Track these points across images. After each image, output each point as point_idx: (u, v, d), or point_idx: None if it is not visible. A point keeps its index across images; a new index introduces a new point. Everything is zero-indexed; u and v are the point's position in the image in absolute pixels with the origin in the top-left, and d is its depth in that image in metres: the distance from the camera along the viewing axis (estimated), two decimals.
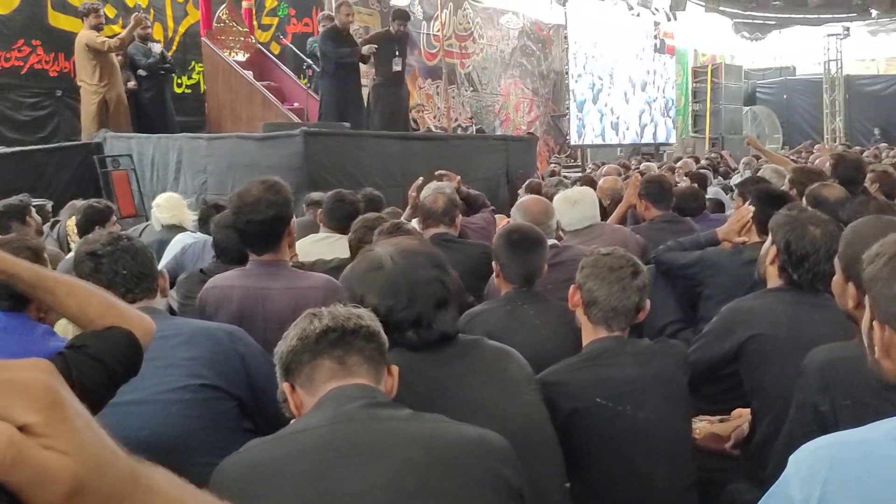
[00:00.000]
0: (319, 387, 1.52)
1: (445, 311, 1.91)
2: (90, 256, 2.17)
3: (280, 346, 1.59)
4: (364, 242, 3.38)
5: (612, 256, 2.32)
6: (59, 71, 9.26)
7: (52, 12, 9.20)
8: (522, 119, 17.44)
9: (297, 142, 6.48)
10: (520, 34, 17.39)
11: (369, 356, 1.56)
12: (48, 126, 9.12)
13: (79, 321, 1.61)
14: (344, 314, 1.58)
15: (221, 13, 9.43)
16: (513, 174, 8.63)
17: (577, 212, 3.96)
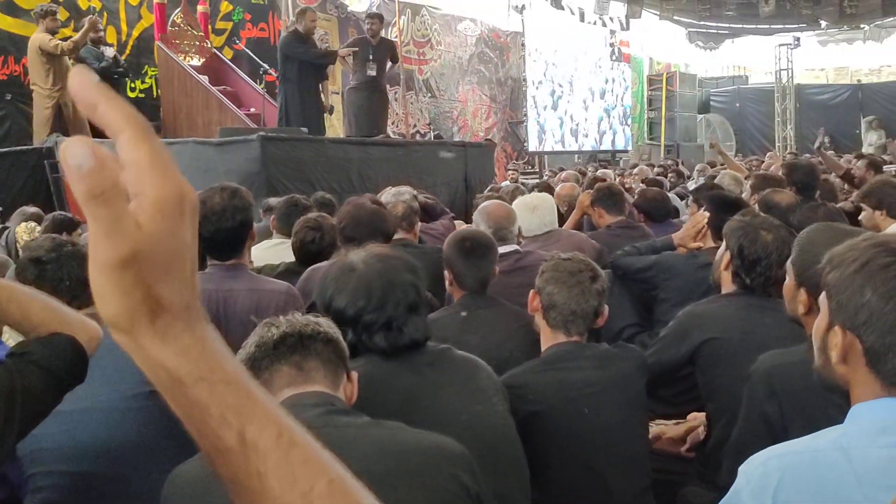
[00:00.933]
0: (277, 393, 1.51)
1: (417, 317, 1.92)
2: (34, 263, 2.12)
3: (239, 355, 1.57)
4: (307, 244, 3.37)
5: (572, 261, 2.34)
6: (9, 74, 9.07)
7: (1, 15, 9.02)
8: (480, 125, 17.50)
9: (255, 147, 6.43)
10: (477, 41, 17.45)
11: (327, 360, 1.56)
12: None
13: (21, 327, 1.58)
14: (301, 321, 1.58)
15: (176, 17, 9.33)
16: (471, 180, 8.65)
17: (536, 218, 3.99)
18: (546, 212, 4.08)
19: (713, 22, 19.55)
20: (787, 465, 1.24)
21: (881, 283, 1.22)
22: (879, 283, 1.22)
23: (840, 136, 21.87)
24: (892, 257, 1.23)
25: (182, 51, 9.20)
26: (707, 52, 23.28)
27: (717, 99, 25.13)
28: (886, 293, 1.21)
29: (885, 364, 1.22)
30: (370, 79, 8.76)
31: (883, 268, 1.22)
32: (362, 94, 8.84)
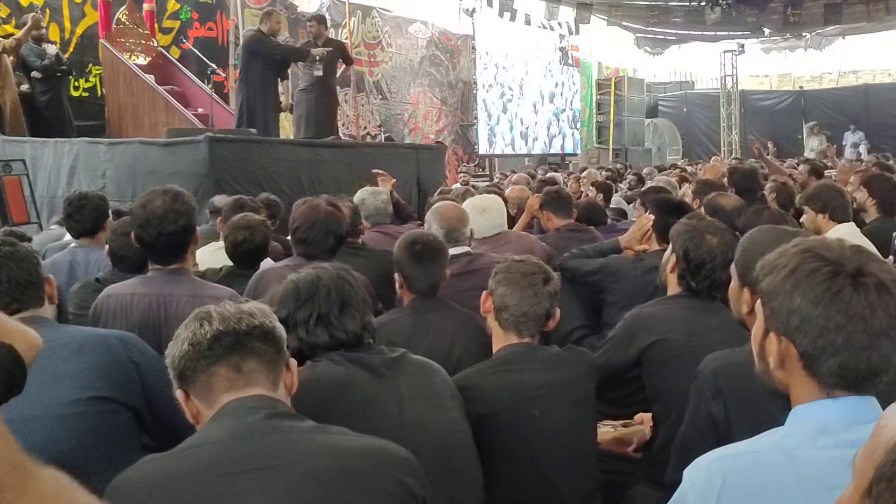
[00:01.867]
0: (216, 398, 1.49)
1: (351, 311, 1.96)
2: None
3: (171, 350, 1.53)
4: (238, 243, 3.33)
5: (525, 263, 2.35)
6: None
7: None
8: (431, 128, 17.51)
9: (202, 148, 6.33)
10: (428, 43, 17.47)
11: (267, 359, 1.53)
12: None
13: None
14: (234, 314, 1.52)
15: (121, 15, 9.16)
16: (423, 183, 8.63)
17: (485, 220, 4.00)
18: (495, 214, 4.10)
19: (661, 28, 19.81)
20: (730, 468, 1.26)
21: (809, 288, 1.24)
22: (807, 288, 1.24)
23: (783, 140, 22.35)
24: (819, 262, 1.25)
25: (127, 49, 9.03)
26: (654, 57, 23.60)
27: (665, 104, 25.51)
28: (815, 298, 1.23)
29: (819, 367, 1.24)
30: (317, 79, 8.70)
31: (810, 273, 1.24)
32: (311, 96, 8.78)
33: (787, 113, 23.41)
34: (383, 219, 4.44)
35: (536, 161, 19.60)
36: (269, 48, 8.17)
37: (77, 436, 1.93)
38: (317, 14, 10.11)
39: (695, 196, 4.95)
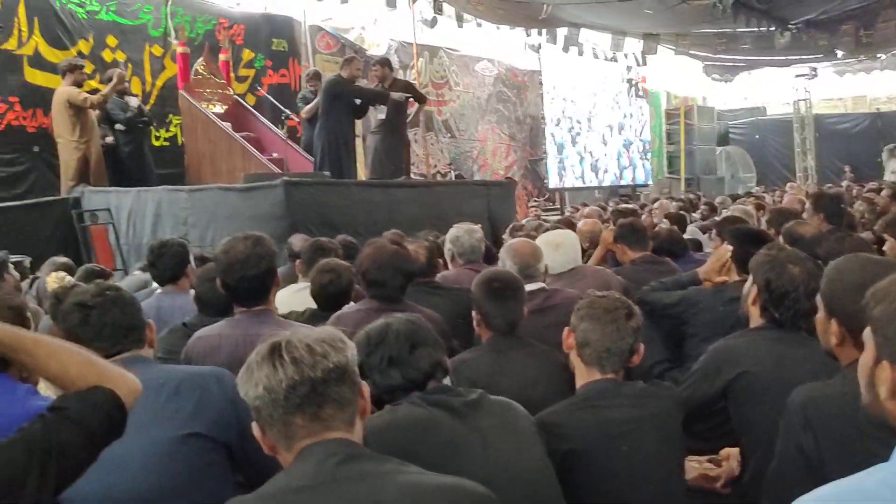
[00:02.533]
0: (294, 444, 1.49)
1: (422, 350, 1.99)
2: (79, 307, 2.15)
3: (244, 387, 1.51)
4: (323, 286, 3.38)
5: (607, 298, 2.35)
6: (37, 127, 9.25)
7: (29, 69, 9.24)
8: (500, 164, 17.59)
9: (279, 192, 6.51)
10: (495, 80, 17.61)
11: (343, 401, 1.51)
12: (25, 182, 9.09)
13: (60, 382, 1.56)
14: (308, 358, 1.48)
15: (199, 66, 9.49)
16: (494, 219, 8.68)
17: (559, 255, 3.96)
18: (569, 248, 4.06)
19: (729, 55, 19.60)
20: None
21: None
22: None
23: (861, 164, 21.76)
24: None
25: (205, 99, 9.35)
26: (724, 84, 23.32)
27: (736, 131, 25.14)
28: None
29: None
30: (384, 121, 8.89)
31: None
32: (378, 137, 8.97)
33: (864, 136, 22.83)
34: (477, 256, 4.39)
35: (607, 193, 19.48)
36: (351, 92, 8.46)
37: (175, 473, 1.99)
38: (381, 58, 10.34)
39: (769, 226, 4.86)
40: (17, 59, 9.14)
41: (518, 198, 14.31)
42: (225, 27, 11.42)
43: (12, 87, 9.08)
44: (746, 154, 23.53)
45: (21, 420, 2.07)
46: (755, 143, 24.24)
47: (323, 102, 8.58)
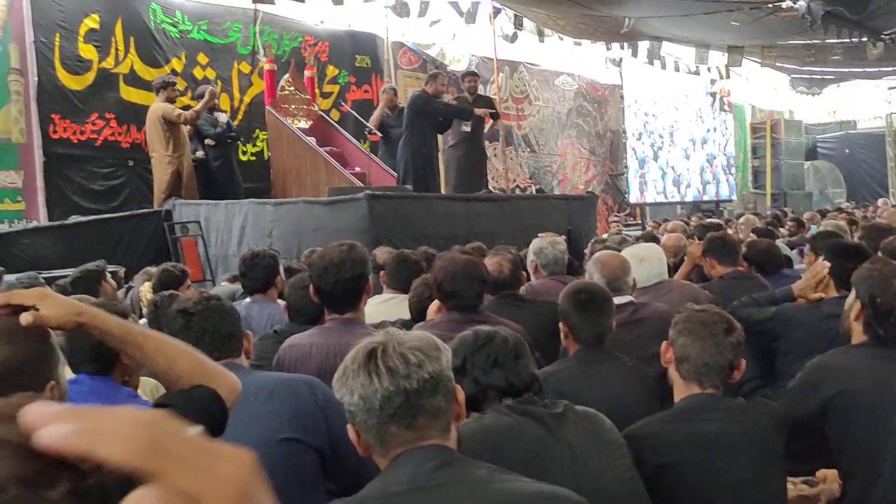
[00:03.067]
0: (389, 450, 1.51)
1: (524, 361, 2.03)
2: (181, 314, 2.23)
3: (340, 391, 1.52)
4: (423, 301, 3.41)
5: (706, 312, 2.30)
6: (131, 142, 9.63)
7: (125, 86, 9.62)
8: (580, 178, 17.46)
9: (362, 205, 6.59)
10: (575, 95, 17.52)
11: (437, 410, 1.51)
12: (121, 195, 9.45)
13: (166, 378, 1.60)
14: (402, 368, 1.48)
15: (285, 82, 9.70)
16: (575, 233, 8.61)
17: (644, 269, 3.91)
18: (655, 262, 4.00)
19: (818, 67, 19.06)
20: None
21: None
22: None
23: None
24: None
25: (291, 114, 9.55)
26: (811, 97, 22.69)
27: (825, 145, 24.43)
28: None
29: None
30: (466, 135, 8.97)
31: None
32: (460, 151, 9.04)
33: None
34: (561, 268, 4.36)
35: (689, 208, 19.13)
36: (436, 108, 8.60)
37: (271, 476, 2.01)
38: (474, 70, 10.49)
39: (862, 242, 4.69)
40: (113, 77, 9.53)
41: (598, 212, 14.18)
42: (310, 44, 11.69)
43: (109, 104, 9.47)
44: (836, 169, 22.83)
45: None
46: (845, 157, 23.51)
47: (406, 118, 8.70)
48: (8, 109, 8.65)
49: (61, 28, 9.06)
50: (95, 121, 9.33)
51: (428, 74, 9.57)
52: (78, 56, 9.21)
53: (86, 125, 9.24)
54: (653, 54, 16.18)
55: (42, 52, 8.88)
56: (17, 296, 1.46)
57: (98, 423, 0.50)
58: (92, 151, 9.30)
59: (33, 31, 8.81)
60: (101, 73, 9.39)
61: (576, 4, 11.19)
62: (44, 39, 8.90)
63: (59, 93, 9.04)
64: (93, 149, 9.31)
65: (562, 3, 11.20)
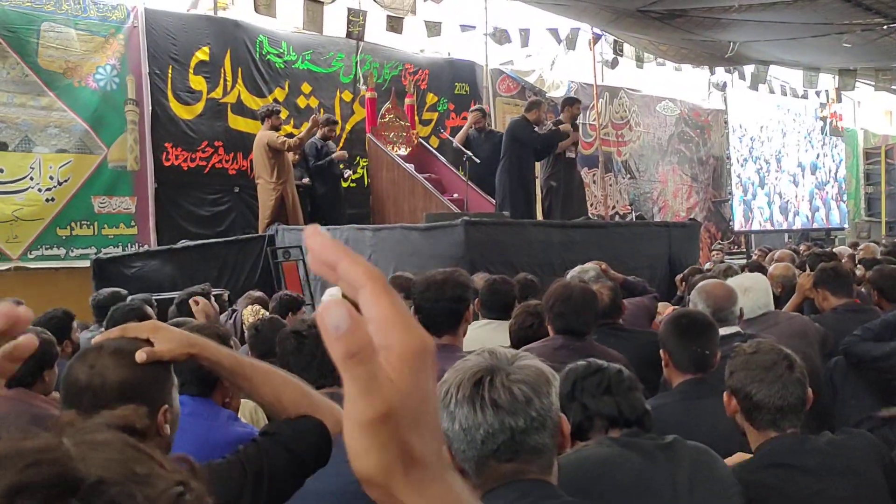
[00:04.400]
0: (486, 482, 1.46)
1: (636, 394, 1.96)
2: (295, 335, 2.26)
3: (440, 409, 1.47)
4: (524, 330, 3.37)
5: (761, 353, 2.17)
6: (238, 169, 9.96)
7: (232, 115, 9.97)
8: (681, 205, 17.07)
9: (459, 231, 6.59)
10: (677, 121, 17.18)
11: (542, 448, 1.46)
12: (226, 220, 9.77)
13: (272, 408, 1.63)
14: (509, 405, 1.40)
15: (385, 110, 9.86)
16: (675, 261, 8.40)
17: (749, 300, 3.78)
18: (760, 293, 3.85)
19: None
20: None
21: None
22: None
23: None
24: None
25: (390, 141, 9.68)
26: None
27: None
28: None
29: None
30: (569, 161, 8.94)
31: None
32: (560, 178, 8.99)
33: None
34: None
35: (798, 237, 18.43)
36: (533, 139, 8.68)
37: None
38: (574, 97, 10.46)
39: None
40: (222, 107, 9.91)
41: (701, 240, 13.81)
42: (410, 72, 11.85)
43: (217, 133, 9.84)
44: None
45: (224, 443, 2.17)
46: None
47: (505, 144, 8.73)
48: (124, 138, 9.07)
49: (174, 60, 9.50)
50: (205, 148, 9.69)
51: (529, 101, 9.58)
52: (189, 87, 9.61)
53: (196, 153, 9.61)
54: (758, 78, 15.76)
55: (156, 83, 9.33)
56: (131, 329, 1.52)
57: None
58: (201, 178, 9.67)
59: (148, 63, 9.24)
60: (209, 103, 9.78)
61: (678, 29, 11.00)
62: (158, 71, 9.34)
63: (172, 122, 9.45)
64: (201, 176, 9.68)
65: (664, 29, 11.03)
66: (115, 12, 9.07)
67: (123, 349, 1.46)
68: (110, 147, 8.95)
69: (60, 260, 8.55)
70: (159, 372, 1.51)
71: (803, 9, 9.16)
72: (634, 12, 10.08)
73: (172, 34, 9.51)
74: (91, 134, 8.82)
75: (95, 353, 1.48)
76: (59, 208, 8.59)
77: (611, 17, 10.66)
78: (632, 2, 9.45)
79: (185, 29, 9.69)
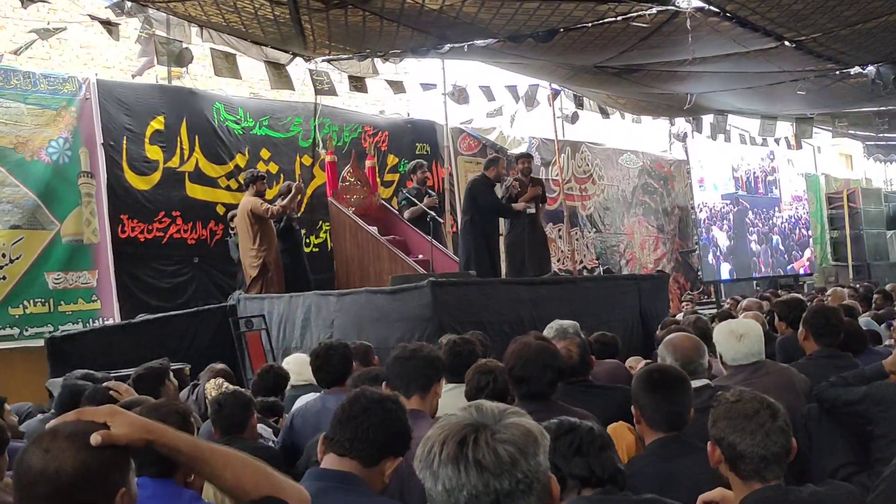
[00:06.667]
0: None
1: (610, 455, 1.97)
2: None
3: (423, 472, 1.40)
4: (480, 389, 3.31)
5: (743, 402, 2.20)
6: (197, 239, 9.94)
7: (190, 184, 9.97)
8: (649, 257, 17.27)
9: (426, 293, 6.59)
10: (640, 172, 17.47)
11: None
12: (187, 291, 9.70)
13: (234, 492, 1.61)
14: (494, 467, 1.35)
15: (346, 173, 9.91)
16: (646, 314, 8.46)
17: (743, 346, 3.77)
18: (754, 339, 3.82)
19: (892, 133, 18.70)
20: None
21: None
22: None
23: None
24: None
25: (352, 204, 9.71)
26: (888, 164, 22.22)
27: None
28: None
29: None
30: (529, 217, 9.04)
31: None
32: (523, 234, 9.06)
33: None
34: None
35: (766, 284, 18.68)
36: (487, 201, 8.85)
37: None
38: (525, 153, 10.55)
39: None
40: (179, 176, 9.91)
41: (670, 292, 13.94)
42: (370, 134, 12.01)
43: (175, 202, 9.82)
44: None
45: None
46: None
47: (466, 203, 8.85)
48: (79, 211, 9.01)
49: (128, 131, 9.52)
50: (162, 219, 9.66)
51: (487, 159, 9.74)
52: (144, 157, 9.62)
53: (153, 223, 9.57)
54: (717, 129, 16.11)
55: (111, 154, 9.31)
56: (87, 413, 1.50)
57: None
58: (159, 249, 9.60)
59: (102, 134, 9.24)
60: (166, 173, 9.77)
61: (636, 84, 11.27)
62: (112, 143, 9.34)
63: (127, 193, 9.42)
64: (159, 247, 9.61)
65: (621, 83, 11.30)
66: (66, 85, 9.09)
67: (79, 433, 1.45)
68: (64, 221, 8.88)
69: (14, 340, 8.39)
70: (116, 455, 1.49)
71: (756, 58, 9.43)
72: (591, 68, 10.31)
73: (126, 104, 9.54)
74: (43, 209, 8.75)
75: (50, 438, 1.46)
76: (11, 287, 8.46)
77: (568, 73, 10.90)
78: (588, 59, 9.67)
79: (139, 99, 9.73)
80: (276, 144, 11.01)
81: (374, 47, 9.25)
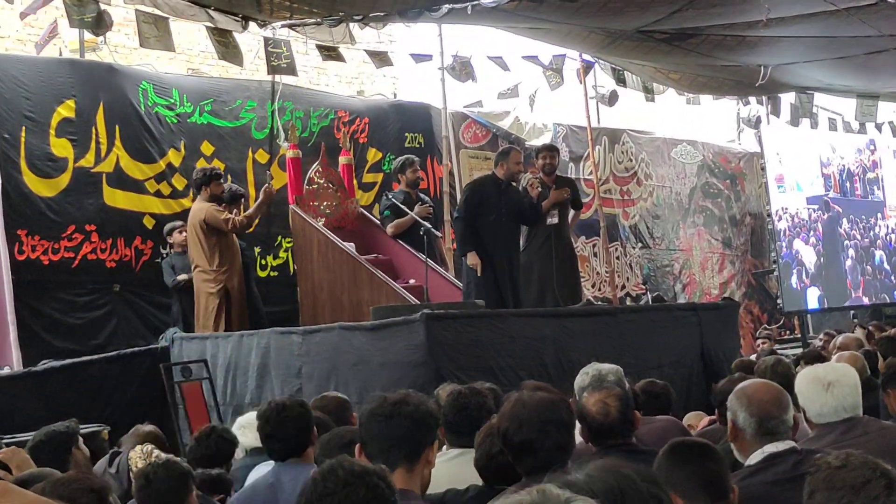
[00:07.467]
0: None
1: None
2: None
3: None
4: (494, 456, 3.31)
5: (849, 468, 2.19)
6: (118, 260, 9.87)
7: (108, 189, 9.91)
8: (713, 280, 17.25)
9: (418, 329, 6.58)
10: (700, 169, 17.44)
11: None
12: (104, 330, 9.63)
13: None
14: None
15: (314, 173, 9.85)
16: (710, 355, 8.44)
17: (832, 398, 3.77)
18: (847, 390, 3.81)
19: None
20: None
21: None
22: None
23: None
24: None
25: (321, 213, 9.69)
26: None
27: None
28: None
29: None
30: (552, 228, 8.98)
31: None
32: (544, 252, 9.01)
33: None
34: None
35: (867, 315, 18.65)
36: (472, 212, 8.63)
37: None
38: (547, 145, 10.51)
39: None
40: (95, 178, 9.84)
41: (741, 325, 13.93)
42: (345, 122, 11.96)
43: (89, 214, 9.75)
44: None
45: None
46: None
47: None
48: None
49: (28, 119, 9.44)
50: (72, 235, 9.59)
51: (497, 153, 9.53)
52: (49, 154, 9.56)
53: (60, 241, 9.50)
54: (800, 111, 16.09)
55: (4, 150, 9.22)
56: None
57: None
58: (67, 275, 9.54)
59: None
60: (77, 174, 9.72)
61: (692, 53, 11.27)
62: (7, 135, 9.27)
63: (27, 201, 9.33)
64: (69, 272, 9.55)
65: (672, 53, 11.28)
66: None
67: None
68: None
69: None
70: None
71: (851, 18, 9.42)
72: (634, 34, 10.30)
73: (25, 85, 9.50)
74: None
75: None
76: None
77: (604, 40, 10.89)
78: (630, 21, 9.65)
79: (43, 78, 9.67)
80: (222, 136, 11.00)
81: (349, 9, 9.25)
